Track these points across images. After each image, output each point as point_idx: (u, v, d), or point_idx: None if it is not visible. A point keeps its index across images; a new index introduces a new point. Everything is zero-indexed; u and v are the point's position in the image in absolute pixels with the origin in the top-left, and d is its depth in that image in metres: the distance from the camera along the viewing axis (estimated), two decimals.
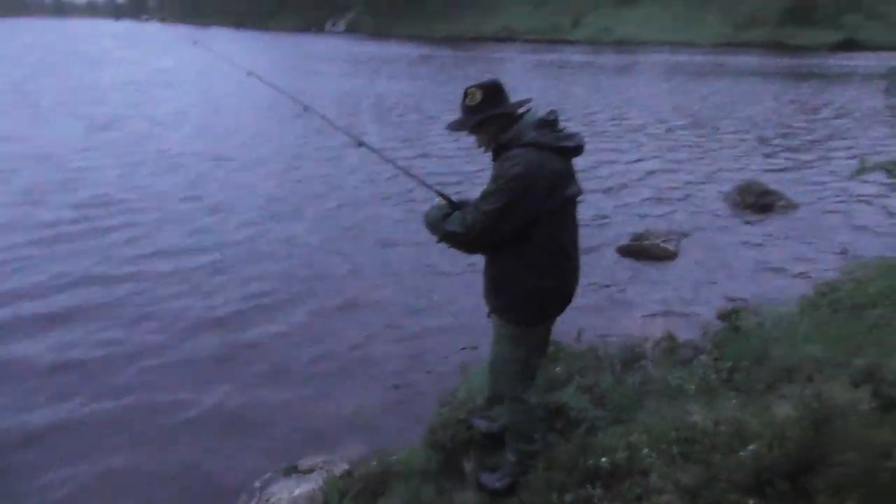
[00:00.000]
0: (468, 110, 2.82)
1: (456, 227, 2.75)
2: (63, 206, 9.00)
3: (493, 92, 2.80)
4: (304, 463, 3.73)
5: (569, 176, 2.81)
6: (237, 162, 12.02)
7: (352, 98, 20.70)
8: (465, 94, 2.83)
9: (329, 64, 32.74)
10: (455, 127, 2.91)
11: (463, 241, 2.77)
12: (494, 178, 2.69)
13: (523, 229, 2.70)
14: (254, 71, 4.10)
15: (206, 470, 3.94)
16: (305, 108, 3.78)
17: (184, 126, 15.36)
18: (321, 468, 3.66)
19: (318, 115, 3.75)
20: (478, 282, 3.05)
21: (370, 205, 9.42)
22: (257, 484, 3.60)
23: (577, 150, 2.80)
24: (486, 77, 2.89)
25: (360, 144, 3.46)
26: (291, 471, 3.68)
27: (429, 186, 3.11)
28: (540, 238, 2.74)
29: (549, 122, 2.76)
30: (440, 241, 2.88)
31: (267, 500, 3.46)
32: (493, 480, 3.21)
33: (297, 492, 3.45)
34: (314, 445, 4.05)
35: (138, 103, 18.53)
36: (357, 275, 6.97)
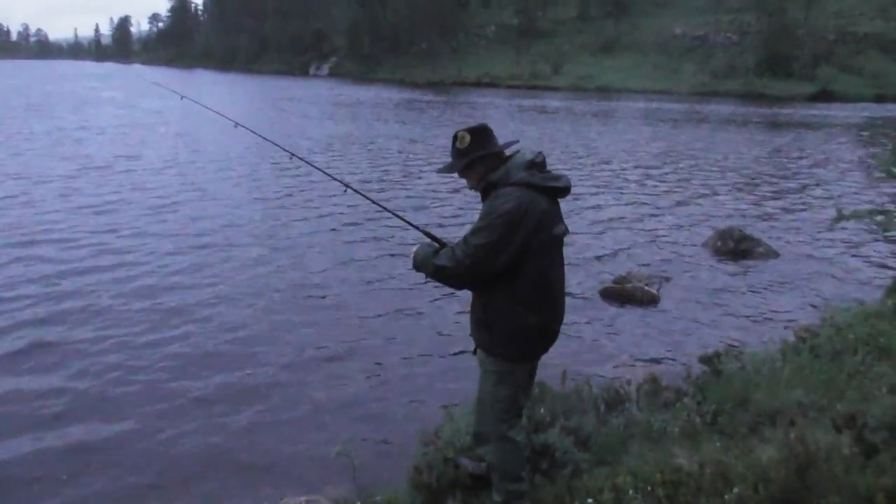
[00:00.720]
0: (458, 153, 2.91)
1: (446, 261, 2.80)
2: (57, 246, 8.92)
3: (480, 135, 2.90)
4: (288, 502, 3.67)
5: (556, 215, 2.89)
6: (228, 204, 12.03)
7: (339, 141, 20.93)
8: (455, 138, 2.92)
9: (314, 107, 33.12)
10: (446, 170, 3.00)
11: (452, 274, 2.80)
12: (485, 215, 2.76)
13: (512, 266, 2.75)
14: (240, 123, 4.18)
15: None
16: (292, 157, 3.85)
17: (172, 169, 15.29)
18: None
19: (306, 161, 3.81)
20: (463, 319, 3.09)
21: (356, 246, 9.44)
22: None
23: (565, 190, 2.89)
24: (473, 122, 2.99)
25: (347, 188, 3.53)
26: None
27: (415, 227, 3.17)
28: (528, 275, 2.79)
29: (537, 164, 2.85)
30: (429, 276, 2.91)
31: None
32: None
33: None
34: (298, 484, 3.99)
35: (127, 145, 18.49)
36: (341, 314, 6.95)
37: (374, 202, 3.51)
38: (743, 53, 59.51)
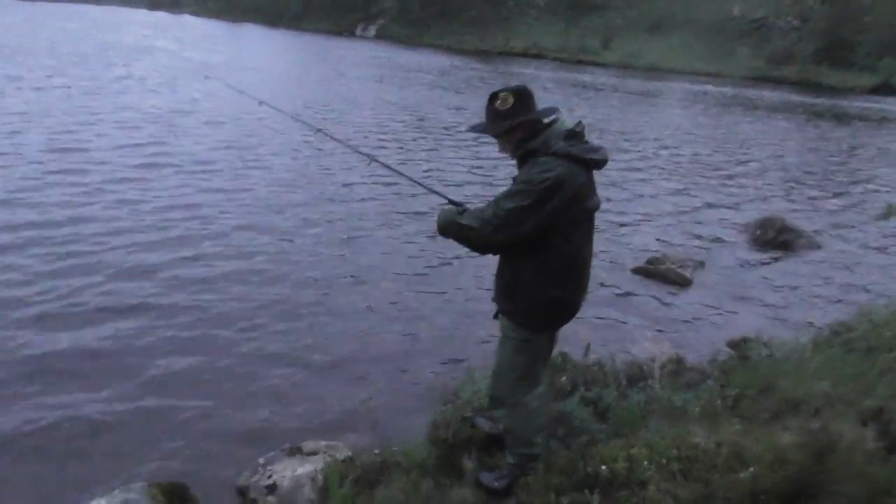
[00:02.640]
0: (497, 114, 2.82)
1: (472, 221, 2.76)
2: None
3: (524, 98, 2.81)
4: (308, 445, 3.78)
5: (591, 188, 2.84)
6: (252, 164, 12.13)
7: (385, 106, 20.79)
8: (496, 98, 2.82)
9: (359, 69, 32.92)
10: (481, 129, 2.91)
11: (478, 236, 2.75)
12: (522, 181, 2.71)
13: (540, 234, 2.72)
14: (265, 101, 4.26)
15: (212, 444, 4.00)
16: (317, 132, 3.82)
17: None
18: (324, 452, 3.71)
19: (330, 136, 3.77)
20: (489, 283, 3.09)
21: (381, 213, 9.34)
22: (261, 460, 3.65)
23: (602, 163, 2.83)
24: (515, 84, 2.89)
25: (372, 160, 3.54)
26: (295, 451, 3.73)
27: (441, 194, 3.15)
28: (558, 246, 2.76)
29: (577, 134, 2.78)
30: (454, 238, 2.88)
31: (269, 477, 3.51)
32: (491, 480, 3.24)
33: (299, 471, 3.50)
34: (319, 430, 4.11)
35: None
36: (370, 275, 7.01)
37: (399, 173, 3.46)
38: (802, 39, 57.24)
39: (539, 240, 2.74)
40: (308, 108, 17.72)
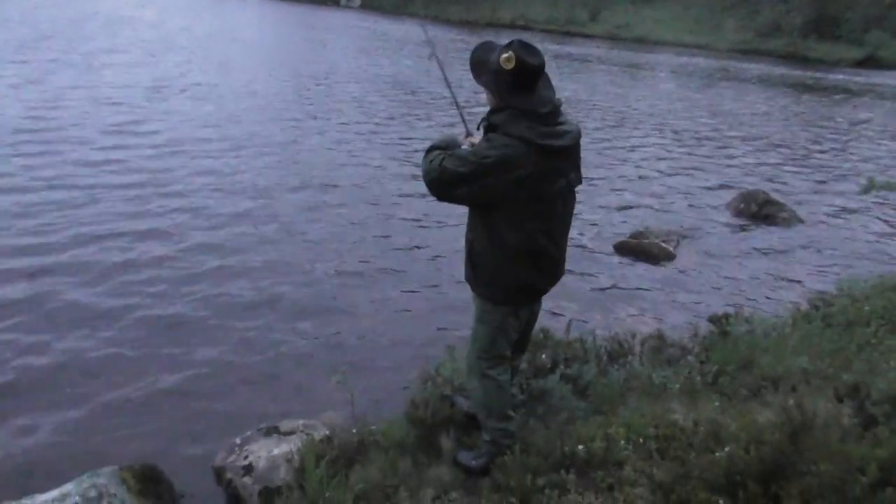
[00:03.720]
0: (497, 67, 2.63)
1: (424, 161, 2.78)
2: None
3: (526, 75, 2.61)
4: (286, 424, 3.74)
5: (557, 171, 2.71)
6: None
7: (372, 78, 20.51)
8: (507, 48, 2.63)
9: (344, 39, 32.41)
10: (476, 61, 2.74)
11: (423, 175, 2.79)
12: (471, 150, 2.70)
13: (488, 213, 2.73)
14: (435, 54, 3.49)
15: (187, 424, 3.97)
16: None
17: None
18: (301, 431, 3.67)
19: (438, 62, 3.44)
20: None
21: (360, 195, 9.12)
22: (237, 440, 3.60)
23: (563, 149, 2.70)
24: (533, 52, 2.63)
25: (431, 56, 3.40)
26: (272, 431, 3.69)
27: (465, 122, 3.10)
28: (510, 227, 2.71)
29: (543, 116, 2.65)
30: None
31: (245, 458, 3.47)
32: (469, 459, 3.22)
33: (275, 451, 3.47)
34: (296, 408, 4.08)
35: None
36: (349, 254, 6.93)
37: (448, 84, 3.26)
38: (790, 12, 56.95)
39: (489, 216, 2.73)
40: (305, 78, 17.43)
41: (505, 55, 2.61)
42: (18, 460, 3.54)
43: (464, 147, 2.91)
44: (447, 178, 2.68)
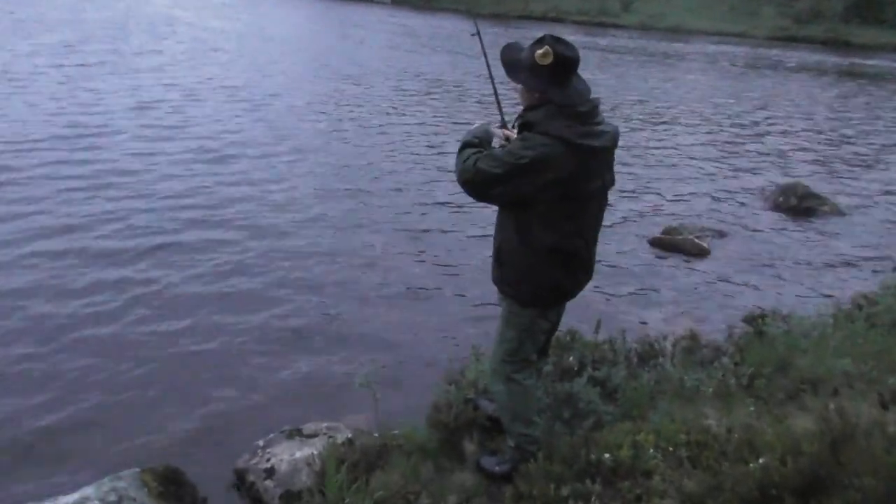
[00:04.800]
0: (532, 64, 2.56)
1: (459, 159, 2.70)
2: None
3: (564, 68, 2.55)
4: (309, 427, 3.71)
5: (592, 170, 2.63)
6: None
7: (404, 73, 20.45)
8: (540, 44, 2.57)
9: (378, 36, 32.44)
10: (509, 62, 2.67)
11: (457, 176, 2.71)
12: (507, 149, 2.61)
13: (521, 212, 2.65)
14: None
15: (211, 428, 3.97)
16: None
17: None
18: (324, 434, 3.65)
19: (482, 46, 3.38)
20: None
21: (392, 188, 9.11)
22: (260, 443, 3.59)
23: (601, 150, 2.64)
24: (568, 45, 2.59)
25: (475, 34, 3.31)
26: (295, 433, 3.66)
27: (500, 109, 3.03)
28: (542, 228, 2.64)
29: (582, 114, 2.57)
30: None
31: (268, 460, 3.45)
32: (492, 464, 3.15)
33: (297, 454, 3.44)
34: (320, 411, 4.04)
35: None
36: (379, 245, 6.90)
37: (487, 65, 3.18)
38: None
39: (522, 215, 2.66)
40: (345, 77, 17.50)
41: (540, 51, 2.55)
42: (43, 461, 3.58)
43: (496, 139, 2.86)
44: (481, 179, 2.61)
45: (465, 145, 2.76)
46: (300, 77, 17.45)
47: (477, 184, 2.64)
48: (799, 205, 9.25)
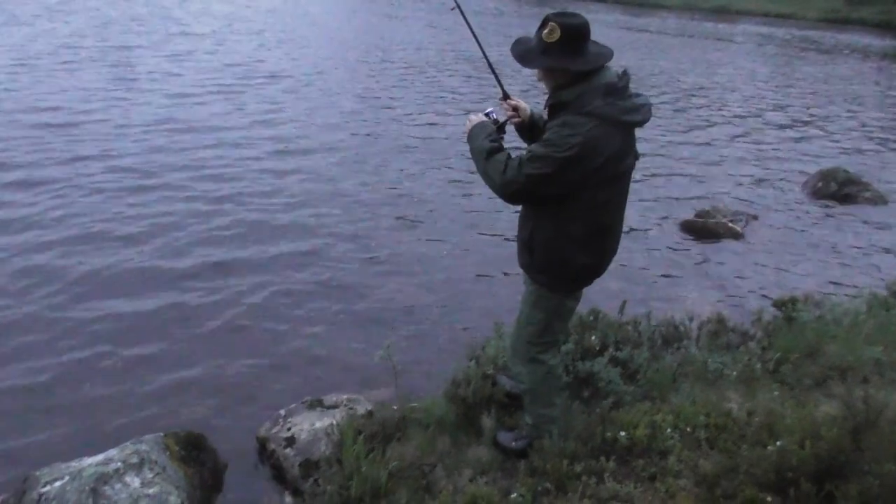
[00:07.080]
0: (542, 45, 2.52)
1: (494, 173, 2.56)
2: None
3: (573, 37, 2.47)
4: (330, 398, 3.77)
5: (626, 148, 2.58)
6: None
7: (442, 49, 20.33)
8: (545, 25, 2.52)
9: (411, 11, 32.24)
10: (520, 53, 2.60)
11: (495, 189, 2.59)
12: (547, 142, 2.46)
13: (561, 198, 2.54)
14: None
15: (238, 393, 4.06)
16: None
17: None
18: (345, 405, 3.70)
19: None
20: None
21: (416, 168, 9.08)
22: (282, 412, 3.66)
23: (642, 123, 2.58)
24: (572, 15, 2.52)
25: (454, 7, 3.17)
26: (316, 404, 3.72)
27: (500, 83, 2.93)
28: (581, 210, 2.57)
29: (618, 89, 2.48)
30: (476, 164, 2.67)
31: (288, 429, 3.52)
32: (509, 440, 3.16)
33: (317, 424, 3.50)
34: (341, 383, 4.10)
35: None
36: (406, 226, 6.91)
37: (474, 34, 3.13)
38: None
39: (560, 202, 2.56)
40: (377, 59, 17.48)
41: (546, 30, 2.49)
42: (70, 424, 3.70)
43: (502, 114, 2.75)
44: (532, 184, 2.47)
45: (490, 152, 2.61)
46: (350, 60, 17.46)
47: (527, 192, 2.51)
48: (839, 191, 8.98)
